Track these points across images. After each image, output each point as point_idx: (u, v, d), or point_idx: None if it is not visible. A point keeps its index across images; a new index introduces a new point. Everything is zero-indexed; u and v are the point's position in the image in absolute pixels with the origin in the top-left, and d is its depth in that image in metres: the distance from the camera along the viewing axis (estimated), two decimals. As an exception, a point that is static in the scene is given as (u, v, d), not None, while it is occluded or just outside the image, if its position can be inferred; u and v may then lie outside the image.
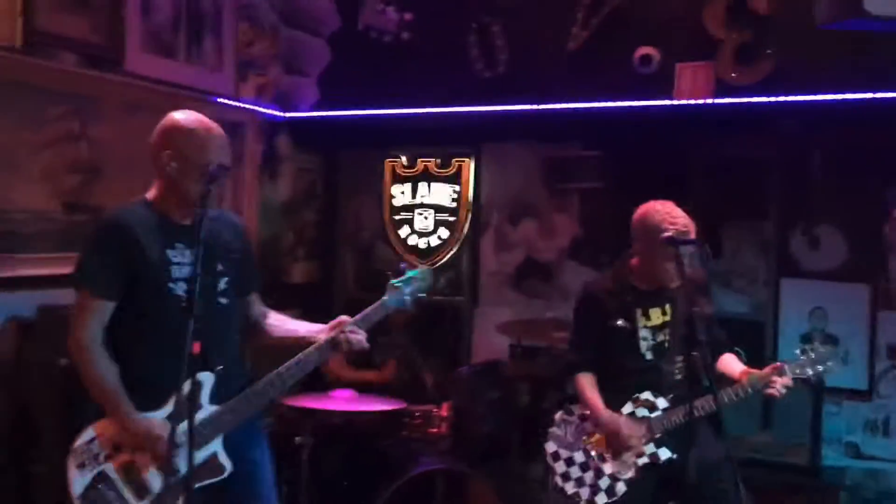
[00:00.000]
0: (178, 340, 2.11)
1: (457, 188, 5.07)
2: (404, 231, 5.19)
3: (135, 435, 2.35)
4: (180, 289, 2.40)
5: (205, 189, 2.30)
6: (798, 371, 2.80)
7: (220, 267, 2.50)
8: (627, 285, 2.99)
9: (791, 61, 4.04)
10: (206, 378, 2.42)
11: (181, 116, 2.46)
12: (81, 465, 2.38)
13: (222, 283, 2.52)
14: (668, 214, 2.86)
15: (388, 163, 5.24)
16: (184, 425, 2.17)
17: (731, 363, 2.98)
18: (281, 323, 2.73)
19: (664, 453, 2.88)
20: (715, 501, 2.89)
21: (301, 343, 2.59)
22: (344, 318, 2.57)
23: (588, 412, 3.00)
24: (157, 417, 2.37)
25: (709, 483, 2.85)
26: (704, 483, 2.80)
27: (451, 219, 5.08)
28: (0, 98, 3.42)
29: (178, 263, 2.43)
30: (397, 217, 5.22)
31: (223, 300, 2.52)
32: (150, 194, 2.50)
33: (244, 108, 4.77)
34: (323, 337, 2.55)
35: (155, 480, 2.38)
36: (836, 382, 4.04)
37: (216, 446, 2.44)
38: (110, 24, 3.86)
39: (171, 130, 2.44)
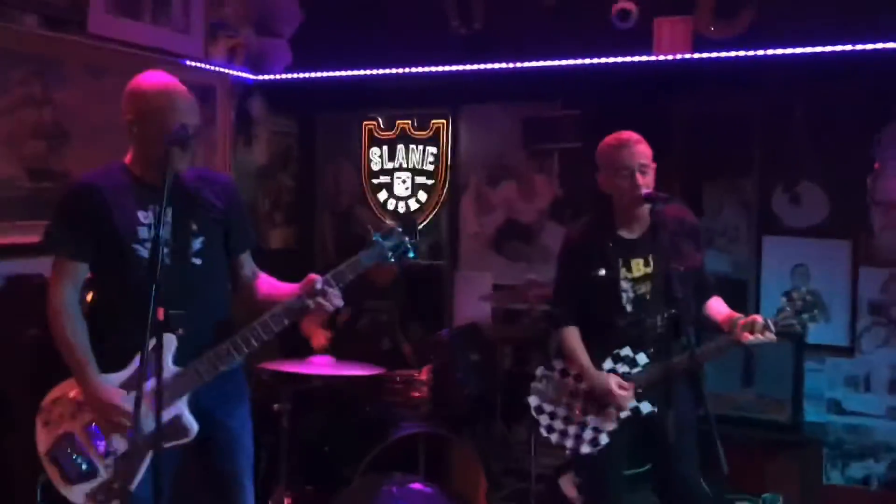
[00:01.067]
0: (142, 302, 2.09)
1: (435, 150, 5.00)
2: (383, 195, 5.13)
3: (90, 397, 2.36)
4: (146, 250, 2.38)
5: (167, 148, 2.27)
6: (783, 322, 2.76)
7: (194, 226, 2.47)
8: (609, 233, 2.94)
9: (772, 14, 3.98)
10: (169, 339, 2.35)
11: (143, 79, 2.44)
12: (47, 423, 2.42)
13: (196, 243, 2.48)
14: (626, 156, 2.82)
15: (365, 125, 5.16)
16: (147, 387, 2.15)
17: (717, 308, 2.94)
18: (268, 285, 2.68)
19: (645, 407, 2.88)
20: (691, 459, 2.90)
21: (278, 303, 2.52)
22: (313, 276, 2.50)
23: (571, 367, 2.98)
24: (117, 380, 2.38)
25: (686, 441, 2.84)
26: (682, 440, 2.79)
27: (430, 182, 5.02)
28: (-41, 62, 3.32)
29: (148, 225, 2.41)
30: (375, 181, 5.15)
31: (196, 260, 2.48)
32: (126, 158, 2.49)
33: (215, 70, 4.66)
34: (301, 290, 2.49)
35: (117, 441, 2.39)
36: (817, 339, 4.05)
37: (180, 408, 2.42)
38: (73, -16, 3.74)
39: (134, 93, 2.42)
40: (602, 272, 2.89)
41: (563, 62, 4.32)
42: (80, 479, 2.38)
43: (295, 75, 4.99)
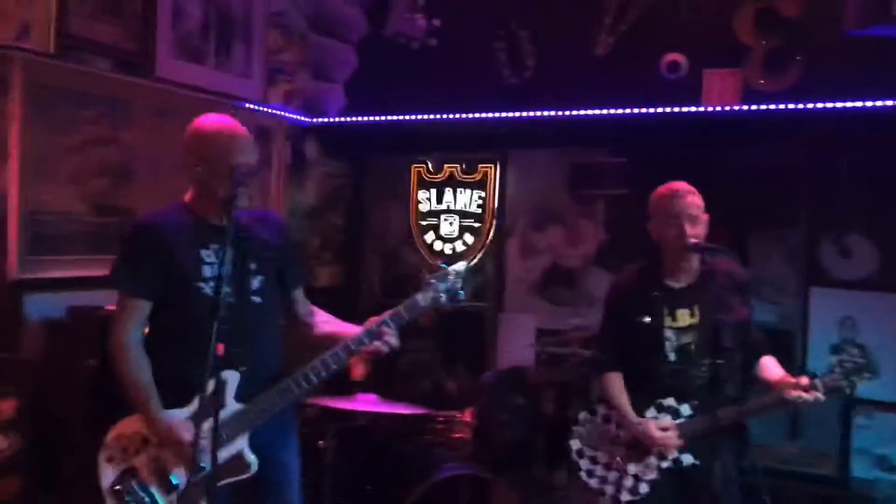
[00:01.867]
0: (205, 339, 2.15)
1: (482, 194, 5.07)
2: (430, 237, 5.21)
3: (159, 433, 2.41)
4: (210, 288, 2.44)
5: (232, 191, 2.36)
6: (832, 383, 2.75)
7: (253, 266, 2.54)
8: (656, 281, 2.96)
9: (820, 68, 4.00)
10: (232, 377, 2.45)
11: (204, 120, 2.54)
12: (111, 459, 2.45)
13: (255, 282, 2.55)
14: (677, 205, 2.85)
15: (414, 168, 5.26)
16: (207, 424, 2.20)
17: (769, 368, 2.92)
18: (324, 322, 2.75)
19: (687, 458, 2.87)
20: None
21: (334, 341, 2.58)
22: (374, 319, 2.57)
23: (613, 413, 2.99)
24: (182, 415, 2.42)
25: (730, 493, 2.82)
26: (726, 493, 2.78)
27: (476, 225, 5.09)
28: (34, 102, 3.48)
29: (210, 263, 2.48)
30: (423, 223, 5.23)
31: (256, 299, 2.54)
32: (187, 196, 2.58)
33: (272, 113, 4.81)
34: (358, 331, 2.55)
35: (181, 475, 2.43)
36: (866, 394, 3.97)
37: (241, 445, 2.47)
38: (142, 30, 3.91)
39: (196, 134, 2.52)
40: (646, 319, 2.91)
41: (612, 111, 4.38)
42: None
43: (348, 119, 5.13)
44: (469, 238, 5.10)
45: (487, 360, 4.98)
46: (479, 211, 5.08)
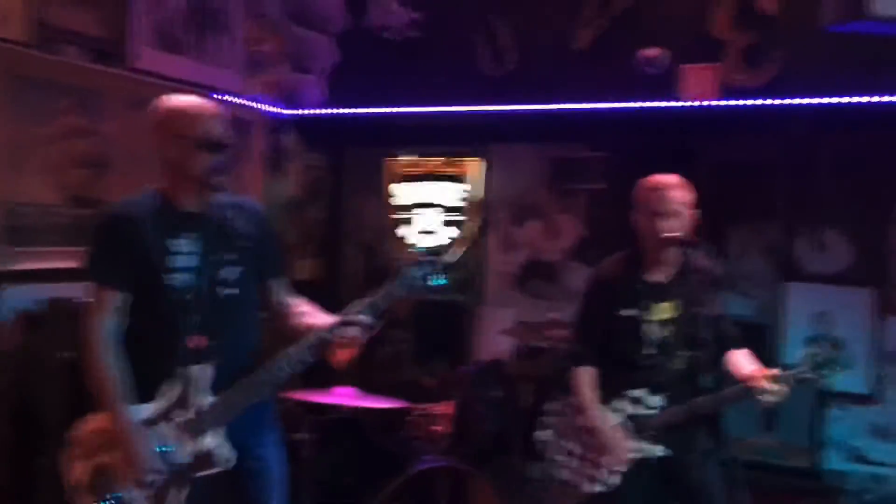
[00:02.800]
0: (173, 332, 2.11)
1: (462, 188, 5.07)
2: (409, 230, 5.20)
3: (121, 437, 2.33)
4: (178, 280, 2.38)
5: (207, 164, 2.32)
6: (800, 375, 2.77)
7: (229, 256, 2.47)
8: (637, 274, 2.95)
9: (798, 63, 4.03)
10: (203, 371, 2.40)
11: (167, 99, 2.46)
12: (81, 455, 2.39)
13: (230, 273, 2.48)
14: (658, 199, 2.84)
15: (392, 162, 5.25)
16: (179, 418, 2.19)
17: (737, 362, 2.91)
18: (303, 313, 2.63)
19: (658, 451, 2.87)
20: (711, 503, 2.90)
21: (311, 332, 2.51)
22: (350, 308, 2.47)
23: (577, 405, 3.00)
24: (144, 413, 2.36)
25: (713, 485, 2.85)
26: (708, 484, 2.80)
27: (456, 218, 5.09)
28: (8, 92, 3.44)
29: (181, 253, 2.40)
30: (401, 216, 5.22)
31: (229, 290, 2.47)
32: (161, 184, 2.49)
33: (250, 105, 4.78)
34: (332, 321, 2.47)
35: (127, 489, 2.35)
36: (840, 387, 4.02)
37: (217, 438, 2.42)
38: (117, 19, 3.88)
39: (161, 113, 2.45)
40: (627, 312, 2.92)
41: (592, 105, 4.39)
42: None
43: (327, 111, 5.11)
44: (449, 232, 5.10)
45: (466, 352, 4.99)
46: (459, 204, 5.08)
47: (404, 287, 2.50)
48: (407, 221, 5.21)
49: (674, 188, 2.87)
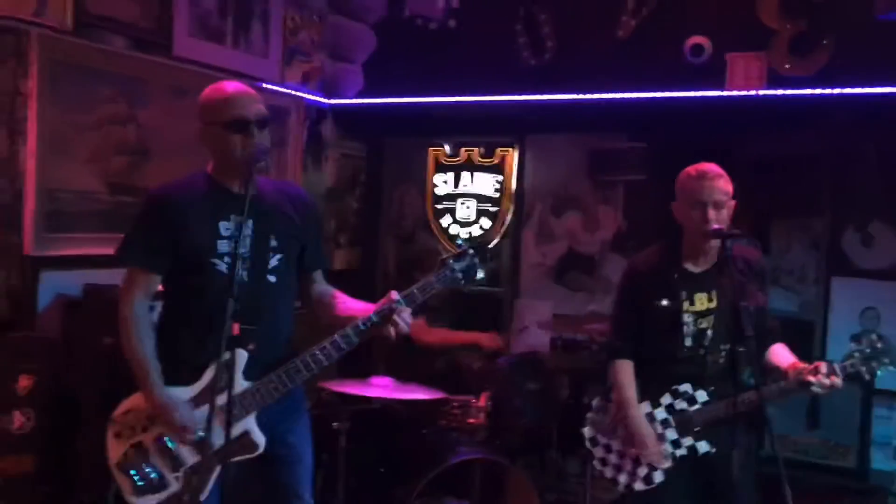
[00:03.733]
0: (218, 317, 2.12)
1: (500, 178, 5.03)
2: (446, 220, 5.17)
3: (156, 410, 2.38)
4: (225, 265, 2.39)
5: (248, 145, 2.33)
6: (851, 368, 2.70)
7: (273, 243, 2.48)
8: (675, 264, 2.90)
9: (847, 53, 3.93)
10: (241, 355, 2.39)
11: (210, 86, 2.50)
12: (118, 435, 2.43)
13: (273, 260, 2.48)
14: (702, 189, 2.78)
15: (431, 151, 5.22)
16: (219, 401, 2.19)
17: (780, 354, 2.85)
18: (342, 303, 2.63)
19: (703, 447, 2.82)
20: (751, 501, 2.83)
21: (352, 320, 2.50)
22: (393, 294, 2.47)
23: (619, 404, 2.96)
24: (187, 394, 2.40)
25: (747, 483, 2.79)
26: (743, 482, 2.74)
27: (494, 209, 5.05)
28: (51, 79, 3.47)
29: (228, 237, 2.41)
30: (439, 206, 5.20)
31: (272, 278, 2.48)
32: (208, 167, 2.52)
33: (289, 93, 4.79)
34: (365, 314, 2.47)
35: (187, 454, 2.41)
36: (886, 385, 3.93)
37: (249, 423, 2.43)
38: (159, 9, 3.91)
39: (201, 102, 2.49)
40: (665, 302, 2.86)
41: (631, 95, 4.32)
42: (150, 490, 2.39)
43: (366, 100, 5.10)
44: (486, 222, 5.07)
45: (504, 344, 4.95)
46: (497, 195, 5.04)
47: (444, 280, 2.50)
48: (445, 212, 5.18)
49: (717, 178, 2.81)
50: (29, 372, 3.31)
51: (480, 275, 2.55)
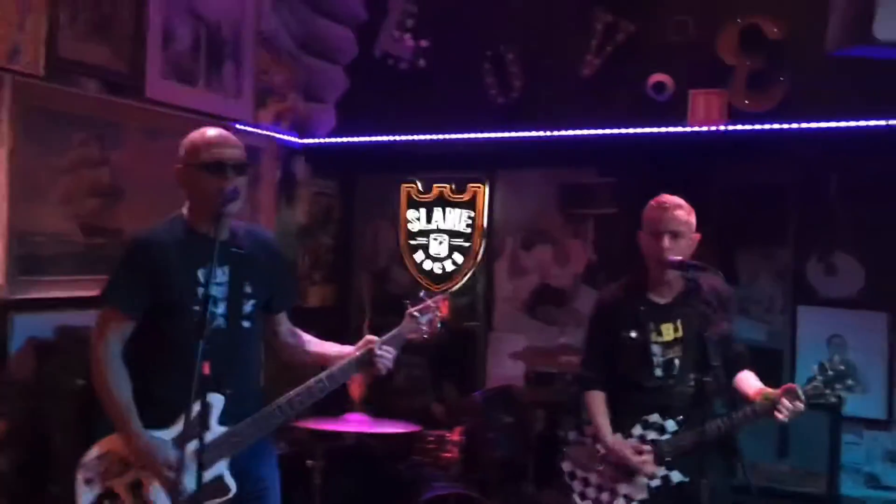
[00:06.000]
0: (192, 360, 2.15)
1: (471, 214, 5.09)
2: (419, 256, 5.22)
3: (139, 453, 2.37)
4: (203, 310, 2.39)
5: (222, 186, 2.38)
6: (813, 392, 2.75)
7: (247, 289, 2.53)
8: (641, 296, 2.97)
9: (804, 88, 4.05)
10: (217, 400, 2.43)
11: (192, 132, 2.56)
12: (89, 481, 2.40)
13: (248, 306, 2.54)
14: (660, 219, 2.86)
15: (403, 188, 5.28)
16: (191, 446, 2.21)
17: (747, 381, 2.91)
18: (310, 343, 2.75)
19: (676, 476, 2.86)
20: None
21: (330, 364, 2.61)
22: (372, 337, 2.60)
23: (594, 432, 2.99)
24: (166, 436, 2.40)
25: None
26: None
27: (466, 244, 5.10)
28: (24, 124, 3.48)
29: (206, 284, 2.42)
30: (413, 242, 5.25)
31: (246, 323, 2.54)
32: (184, 209, 2.56)
33: (262, 133, 4.83)
34: (353, 354, 2.58)
35: (161, 499, 2.39)
36: (855, 412, 4.00)
37: (222, 468, 2.45)
38: (132, 52, 3.93)
39: (183, 143, 2.55)
40: (633, 334, 2.93)
41: (600, 131, 4.42)
42: None
43: (338, 139, 5.16)
44: (458, 257, 5.12)
45: (477, 378, 4.98)
46: (469, 230, 5.10)
47: (411, 331, 2.67)
48: (418, 247, 5.23)
49: (674, 208, 2.90)
50: (0, 415, 3.28)
51: (442, 325, 2.73)
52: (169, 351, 2.43)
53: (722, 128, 4.17)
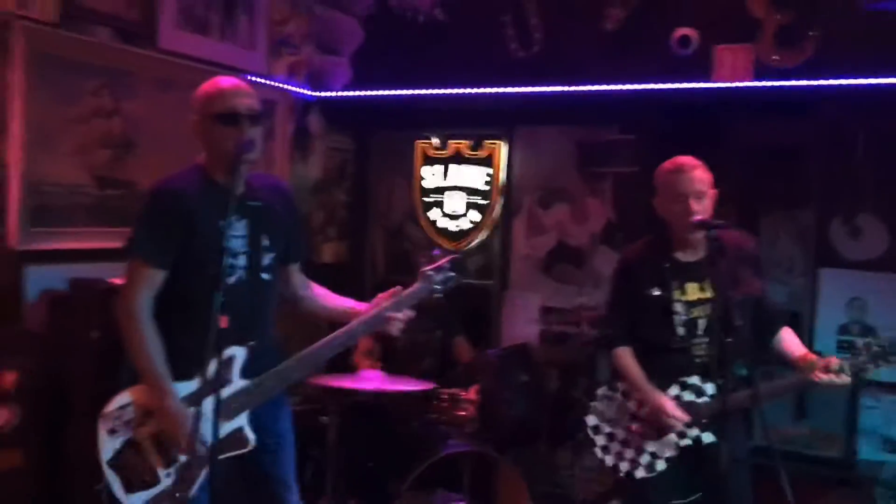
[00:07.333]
0: (216, 313, 2.12)
1: (488, 171, 5.02)
2: (434, 213, 5.16)
3: (166, 414, 2.35)
4: (228, 263, 2.41)
5: (238, 137, 2.34)
6: (859, 366, 2.73)
7: (266, 242, 2.52)
8: (666, 254, 2.92)
9: (834, 43, 3.93)
10: (239, 352, 2.44)
11: (206, 82, 2.52)
12: (112, 431, 2.40)
13: (267, 259, 2.53)
14: (682, 181, 2.80)
15: (419, 144, 5.21)
16: (215, 397, 2.20)
17: (790, 341, 2.88)
18: (323, 297, 2.75)
19: (707, 437, 2.84)
20: (745, 493, 2.84)
21: (343, 319, 2.62)
22: (393, 290, 2.61)
23: (627, 386, 2.96)
24: (187, 389, 2.39)
25: (740, 474, 2.79)
26: (736, 474, 2.74)
27: (483, 202, 5.04)
28: (35, 72, 3.43)
29: (231, 236, 2.41)
30: (427, 199, 5.18)
31: (266, 276, 2.53)
32: (200, 159, 2.53)
33: (276, 86, 4.76)
34: (364, 316, 2.57)
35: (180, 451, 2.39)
36: (874, 376, 3.94)
37: (242, 420, 2.46)
38: (145, 1, 3.86)
39: (197, 94, 2.50)
40: (656, 292, 2.88)
41: (620, 87, 4.32)
42: (142, 487, 2.37)
43: (353, 93, 5.07)
44: (475, 215, 5.06)
45: (492, 337, 4.96)
46: (486, 188, 5.03)
47: (426, 292, 2.66)
48: (433, 205, 5.16)
49: (694, 168, 2.85)
50: (15, 367, 3.28)
51: (455, 282, 2.72)
52: (192, 303, 2.40)
53: (747, 84, 4.05)
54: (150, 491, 2.38)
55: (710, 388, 2.85)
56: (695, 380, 2.86)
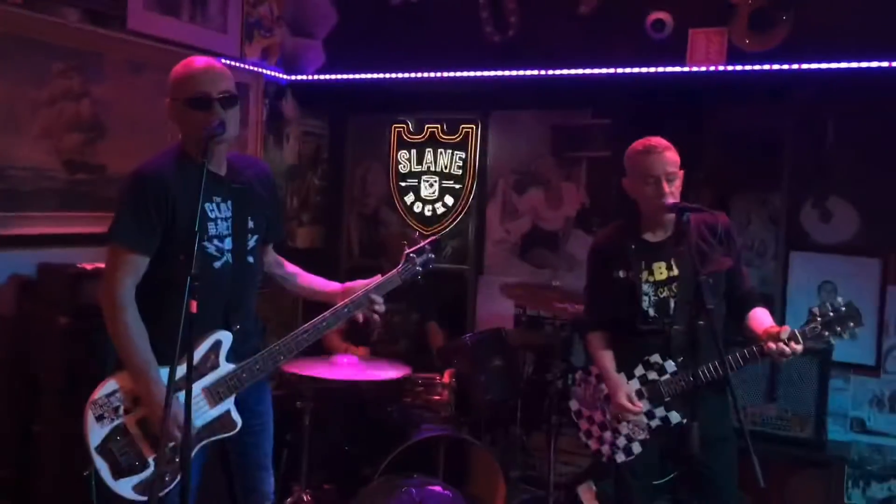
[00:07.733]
0: (204, 298, 2.10)
1: (463, 155, 5.01)
2: (409, 198, 5.15)
3: (154, 402, 2.32)
4: (213, 247, 2.41)
5: (211, 120, 2.31)
6: (811, 333, 2.70)
7: (250, 224, 2.51)
8: (633, 235, 2.93)
9: (807, 28, 3.94)
10: (225, 337, 2.44)
11: (181, 62, 2.48)
12: (100, 417, 2.37)
13: (251, 241, 2.52)
14: (652, 163, 2.81)
15: (394, 128, 5.18)
16: (201, 383, 2.28)
17: (758, 318, 2.86)
18: (298, 276, 2.78)
19: (674, 417, 2.85)
20: (718, 477, 2.87)
21: (319, 299, 2.66)
22: (359, 282, 2.64)
23: (601, 374, 2.99)
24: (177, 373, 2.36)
25: (713, 457, 2.81)
26: (709, 457, 2.77)
27: (457, 186, 5.03)
28: (2, 53, 3.37)
29: (214, 220, 2.42)
30: (403, 183, 5.17)
31: (250, 258, 2.53)
32: (179, 143, 2.49)
33: (249, 69, 4.71)
34: (349, 297, 2.60)
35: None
36: (843, 357, 4.00)
37: (229, 404, 2.48)
38: (114, -20, 3.80)
39: (171, 76, 2.47)
40: (622, 274, 2.90)
41: (595, 71, 4.31)
42: (130, 472, 2.36)
43: (327, 76, 5.02)
44: (449, 200, 5.05)
45: (467, 321, 4.96)
46: (460, 172, 5.02)
47: (407, 274, 2.71)
48: (408, 189, 5.15)
49: (665, 150, 2.85)
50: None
51: (431, 266, 2.78)
52: (176, 287, 2.30)
53: (721, 68, 4.06)
54: (139, 476, 2.37)
55: (670, 365, 2.86)
56: (656, 357, 2.87)
